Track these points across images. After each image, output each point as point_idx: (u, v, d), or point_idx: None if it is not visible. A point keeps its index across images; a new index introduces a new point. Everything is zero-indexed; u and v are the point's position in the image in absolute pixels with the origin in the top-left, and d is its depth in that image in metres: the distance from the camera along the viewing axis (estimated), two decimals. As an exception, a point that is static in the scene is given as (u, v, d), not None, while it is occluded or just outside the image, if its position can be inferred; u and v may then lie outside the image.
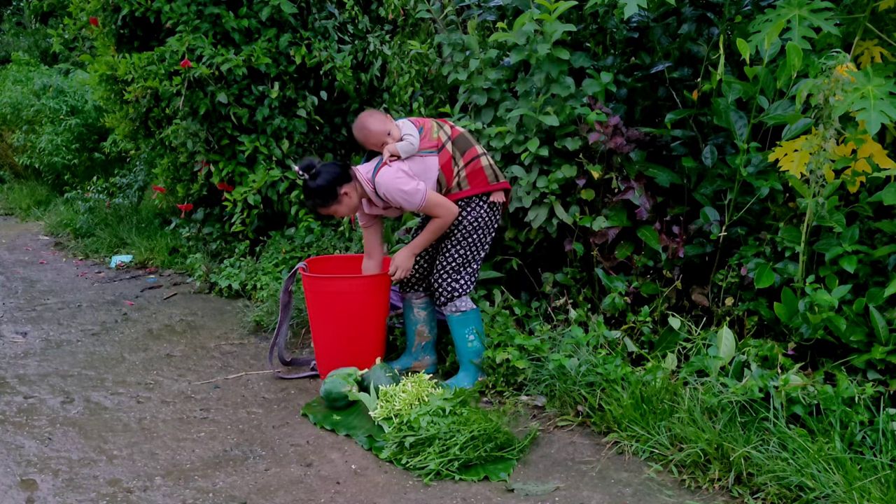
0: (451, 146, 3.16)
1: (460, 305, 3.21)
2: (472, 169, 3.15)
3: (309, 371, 3.53)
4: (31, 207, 8.81)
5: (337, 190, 3.13)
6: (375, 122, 3.13)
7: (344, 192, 3.14)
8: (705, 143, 3.38)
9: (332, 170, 3.16)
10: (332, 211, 3.19)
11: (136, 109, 5.01)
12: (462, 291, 3.21)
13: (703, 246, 3.29)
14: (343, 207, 3.18)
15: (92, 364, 3.67)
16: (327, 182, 3.12)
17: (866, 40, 2.97)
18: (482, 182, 3.16)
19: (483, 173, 3.16)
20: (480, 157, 3.17)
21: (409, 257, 3.21)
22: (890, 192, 2.74)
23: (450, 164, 3.15)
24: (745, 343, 2.86)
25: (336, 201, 3.15)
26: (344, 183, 3.14)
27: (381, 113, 3.19)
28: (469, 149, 3.17)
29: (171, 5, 4.63)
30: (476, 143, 3.23)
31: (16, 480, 2.52)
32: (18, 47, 12.62)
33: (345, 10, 5.12)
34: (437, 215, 3.10)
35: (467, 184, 3.16)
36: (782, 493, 2.26)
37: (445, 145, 3.15)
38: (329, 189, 3.12)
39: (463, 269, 3.22)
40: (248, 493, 2.45)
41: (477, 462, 2.59)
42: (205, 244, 5.37)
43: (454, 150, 3.16)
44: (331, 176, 3.13)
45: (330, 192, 3.13)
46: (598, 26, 3.86)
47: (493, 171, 3.20)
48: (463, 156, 3.16)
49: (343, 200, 3.16)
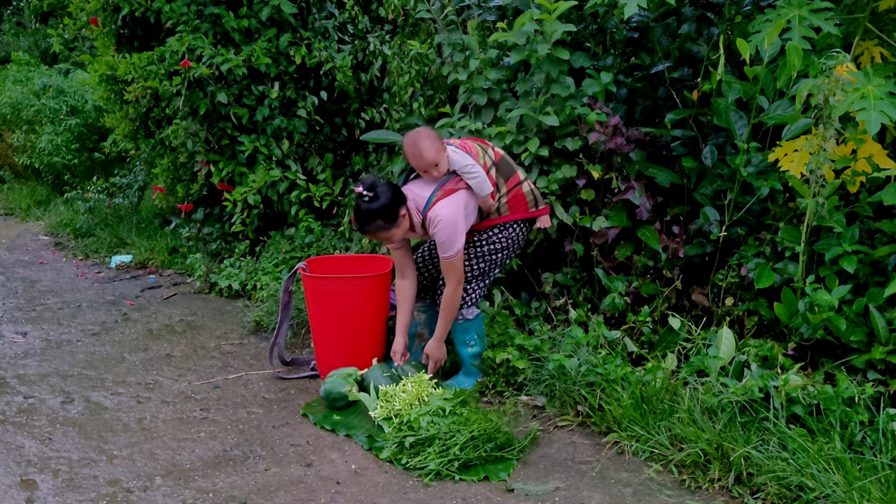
0: (496, 172, 3.08)
1: (466, 314, 3.19)
2: (513, 195, 3.10)
3: (309, 371, 3.53)
4: (31, 207, 8.81)
5: (399, 211, 2.94)
6: (431, 150, 2.91)
7: (403, 213, 2.96)
8: (705, 143, 3.38)
9: (392, 189, 2.94)
10: (390, 235, 2.97)
11: (136, 109, 5.01)
12: (471, 302, 3.19)
13: (703, 246, 3.29)
14: (400, 231, 2.98)
15: (92, 364, 3.67)
16: (390, 202, 2.90)
17: (866, 40, 2.97)
18: (522, 209, 3.13)
19: (524, 200, 3.13)
20: (522, 184, 3.13)
21: (440, 347, 3.20)
22: (890, 192, 2.74)
23: (493, 194, 3.07)
24: (745, 343, 2.86)
25: (396, 223, 2.94)
26: (402, 204, 2.96)
27: (438, 138, 2.97)
28: (512, 175, 3.11)
29: (171, 5, 4.63)
30: (518, 167, 3.16)
31: (16, 480, 2.52)
32: (18, 47, 12.61)
33: (345, 10, 5.11)
34: (449, 277, 3.00)
35: (507, 209, 3.11)
36: (782, 493, 2.26)
37: (490, 171, 3.06)
38: (393, 210, 2.91)
39: (476, 282, 3.19)
40: (248, 493, 2.45)
41: (477, 462, 2.59)
42: (205, 244, 5.37)
43: (498, 177, 3.07)
44: (392, 195, 2.91)
45: (393, 214, 2.91)
46: (598, 26, 3.86)
47: (534, 197, 3.16)
48: (506, 182, 3.09)
49: (401, 223, 2.96)
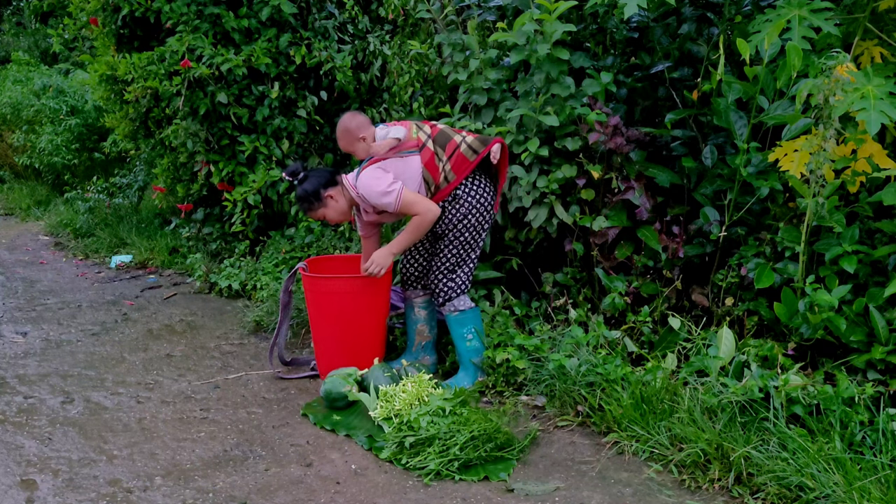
0: (433, 144, 3.14)
1: (458, 305, 3.22)
2: (454, 160, 3.13)
3: (309, 371, 3.53)
4: (31, 207, 8.81)
5: (321, 193, 3.20)
6: (343, 138, 3.17)
7: (329, 195, 3.21)
8: (705, 143, 3.37)
9: (319, 174, 3.25)
10: (321, 215, 3.26)
11: (136, 109, 5.01)
12: (459, 291, 3.22)
13: (703, 246, 3.29)
14: (331, 211, 3.25)
15: (92, 364, 3.67)
16: (313, 186, 3.20)
17: (866, 40, 2.97)
18: (465, 165, 3.12)
19: (463, 157, 3.12)
20: (459, 146, 3.13)
21: (386, 256, 3.18)
22: (890, 192, 2.73)
23: (433, 161, 3.12)
24: (745, 343, 2.86)
25: (322, 205, 3.22)
26: (329, 187, 3.22)
27: (363, 116, 3.21)
28: (449, 142, 3.14)
29: (171, 5, 4.63)
30: (455, 134, 3.17)
31: (16, 480, 2.52)
32: (18, 47, 12.61)
33: (345, 10, 5.11)
34: (416, 213, 3.08)
35: (453, 175, 3.14)
36: (782, 493, 2.26)
37: (426, 143, 3.14)
38: (314, 193, 3.20)
39: (458, 269, 3.22)
40: (248, 493, 2.45)
41: (477, 462, 2.59)
42: (205, 244, 5.37)
43: (436, 147, 3.14)
44: (316, 180, 3.22)
45: (314, 196, 3.20)
46: (598, 26, 3.86)
47: (472, 149, 3.12)
48: (445, 150, 3.14)
49: (329, 204, 3.22)
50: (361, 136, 3.14)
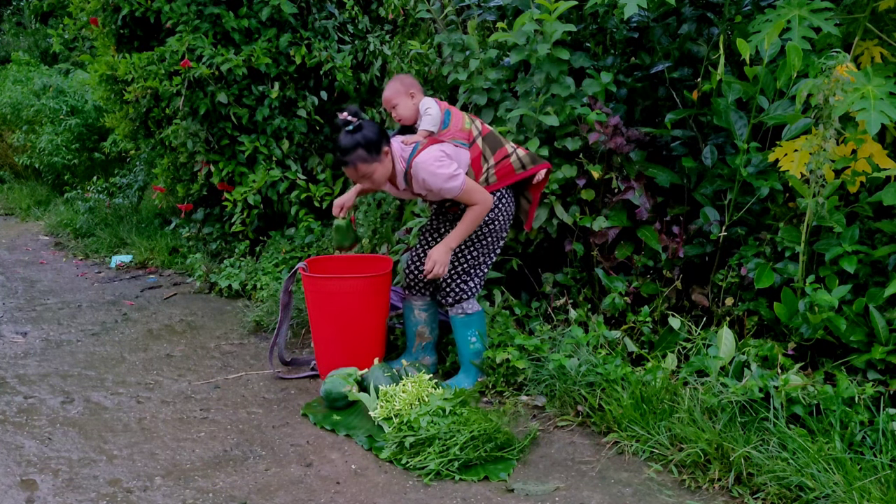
0: (482, 142, 3.08)
1: (467, 308, 3.18)
2: (501, 167, 3.09)
3: (309, 371, 3.53)
4: (31, 207, 8.81)
5: (382, 145, 2.95)
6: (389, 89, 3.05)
7: (386, 150, 2.97)
8: (705, 143, 3.38)
9: (377, 125, 2.99)
10: (373, 170, 2.96)
11: (136, 109, 5.01)
12: (471, 294, 3.18)
13: (703, 246, 3.29)
14: (382, 169, 2.98)
15: (92, 364, 3.67)
16: (375, 134, 2.92)
17: (866, 40, 2.97)
18: (510, 175, 3.10)
19: (511, 168, 3.09)
20: (510, 156, 3.10)
21: (446, 252, 3.03)
22: (890, 192, 2.74)
23: (479, 160, 3.06)
24: (745, 343, 2.86)
25: (378, 158, 2.95)
26: (387, 143, 2.99)
27: (404, 84, 3.07)
28: (500, 148, 3.09)
29: (171, 5, 4.63)
30: (505, 142, 3.14)
31: (16, 480, 2.52)
32: (18, 47, 12.61)
33: (345, 10, 5.12)
34: (475, 202, 2.97)
35: (495, 178, 3.09)
36: (782, 493, 2.26)
37: (476, 140, 3.07)
38: (377, 142, 2.92)
39: (473, 271, 3.18)
40: (248, 493, 2.45)
41: (477, 462, 2.59)
42: (205, 244, 5.37)
43: (484, 146, 3.08)
44: (377, 129, 2.96)
45: (376, 146, 2.93)
46: (598, 26, 3.86)
47: (522, 164, 3.11)
48: (494, 154, 3.08)
49: (384, 160, 2.97)
50: (410, 93, 3.04)
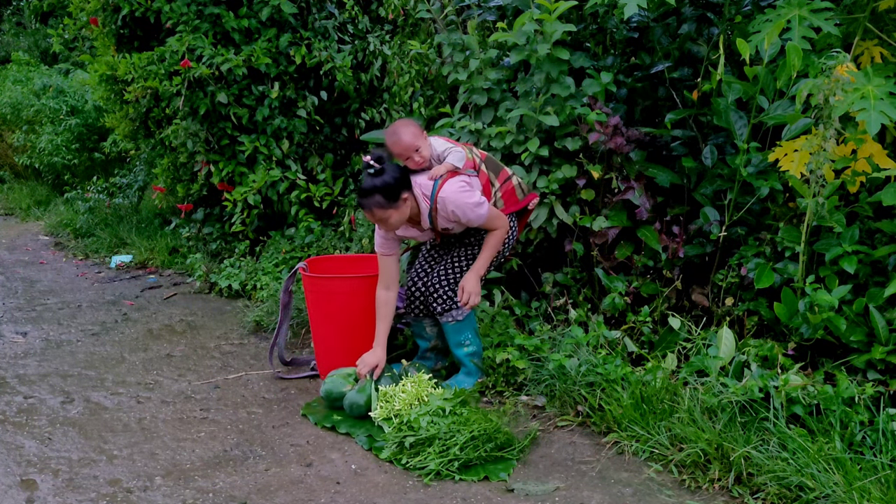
0: (486, 168, 3.16)
1: (457, 315, 3.15)
2: (505, 189, 3.18)
3: (309, 371, 3.53)
4: (31, 207, 8.81)
5: (401, 193, 2.92)
6: (407, 135, 2.99)
7: (405, 197, 2.94)
8: (705, 143, 3.38)
9: (399, 170, 2.95)
10: (388, 215, 2.93)
11: (136, 109, 5.01)
12: (457, 311, 3.16)
13: (703, 246, 3.29)
14: (398, 215, 2.94)
15: (92, 364, 3.67)
16: (395, 181, 2.89)
17: (866, 40, 2.97)
18: (514, 201, 3.20)
19: (514, 192, 3.20)
20: (511, 178, 3.20)
21: (477, 281, 3.09)
22: (890, 192, 2.73)
23: (488, 186, 3.13)
24: (745, 343, 2.86)
25: (395, 205, 2.91)
26: (407, 188, 2.95)
27: (417, 127, 3.06)
28: (501, 170, 3.19)
29: (171, 5, 4.63)
30: (504, 165, 3.26)
31: (16, 480, 2.52)
32: (18, 47, 12.62)
33: (345, 10, 5.12)
34: (496, 227, 3.07)
35: (503, 204, 3.17)
36: (782, 493, 2.26)
37: (480, 167, 3.14)
38: (396, 189, 2.90)
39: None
40: (248, 493, 2.45)
41: (477, 462, 2.59)
42: (205, 244, 5.37)
43: (489, 172, 3.16)
44: (398, 175, 2.92)
45: (395, 193, 2.90)
46: (598, 26, 3.86)
47: (521, 189, 3.24)
48: (497, 177, 3.17)
49: (401, 207, 2.93)
50: (417, 146, 3.01)
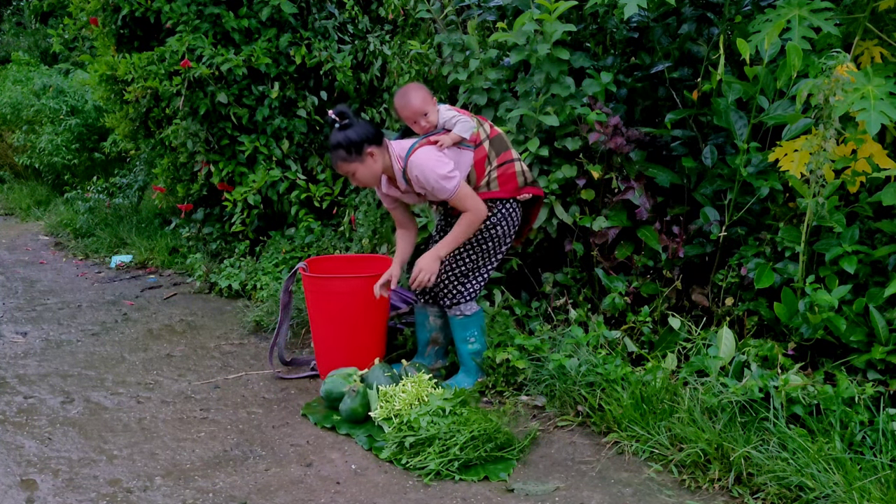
0: (489, 144, 3.07)
1: (465, 310, 3.15)
2: (503, 171, 3.07)
3: (309, 371, 3.53)
4: (31, 207, 8.81)
5: (364, 147, 2.97)
6: (417, 98, 2.99)
7: (370, 152, 2.98)
8: (705, 143, 3.37)
9: (366, 127, 3.02)
10: (353, 169, 3.00)
11: (136, 109, 5.01)
12: (469, 297, 3.15)
13: (703, 246, 3.28)
14: (364, 169, 3.01)
15: (92, 364, 3.67)
16: (357, 136, 2.96)
17: (866, 40, 2.97)
18: (512, 187, 3.08)
19: (514, 177, 3.08)
20: (514, 162, 3.10)
21: (434, 261, 3.02)
22: (890, 192, 2.73)
23: (483, 162, 3.06)
24: (745, 343, 2.86)
25: (359, 159, 2.98)
26: (374, 144, 2.99)
27: (427, 92, 3.04)
28: (505, 151, 3.09)
29: (171, 5, 4.63)
30: (512, 147, 3.15)
31: (16, 480, 2.52)
32: (18, 47, 12.62)
33: (345, 10, 5.12)
34: (466, 209, 2.96)
35: (497, 185, 3.07)
36: (782, 493, 2.26)
37: (483, 143, 3.06)
38: (357, 143, 2.96)
39: (472, 275, 3.14)
40: (248, 493, 2.45)
41: (477, 462, 2.59)
42: (205, 244, 5.37)
43: (490, 149, 3.07)
44: (363, 131, 2.98)
45: (356, 147, 2.96)
46: (598, 26, 3.86)
47: (525, 178, 3.13)
48: (498, 156, 3.08)
49: (367, 161, 2.99)
50: (426, 111, 2.99)
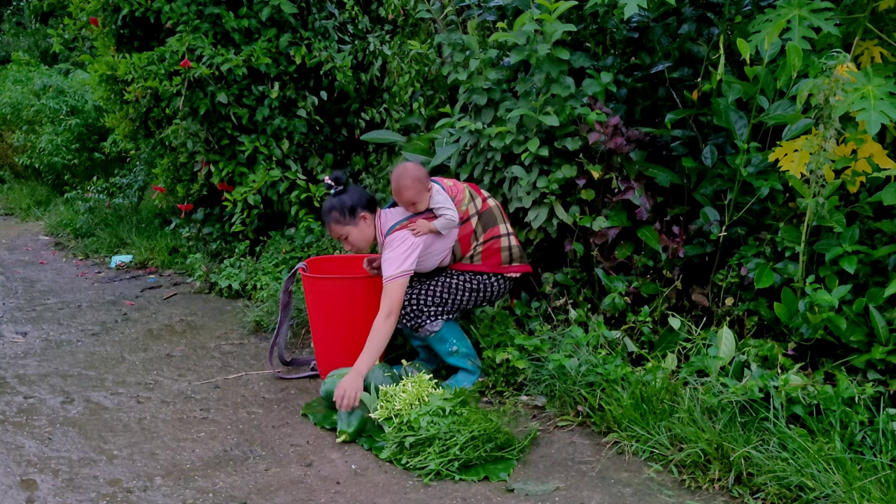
0: (476, 220, 3.15)
1: (431, 328, 3.17)
2: (488, 247, 3.15)
3: (309, 371, 3.53)
4: (31, 207, 8.81)
5: (358, 211, 3.11)
6: (410, 191, 3.02)
7: (363, 216, 3.12)
8: (705, 143, 3.37)
9: (361, 192, 3.15)
10: (346, 232, 3.13)
11: (136, 109, 5.01)
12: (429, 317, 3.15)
13: (703, 246, 3.28)
14: (357, 233, 3.13)
15: (92, 364, 3.67)
16: (352, 200, 3.10)
17: (866, 40, 2.97)
18: (495, 262, 3.16)
19: (498, 254, 3.16)
20: (501, 238, 3.16)
21: (356, 378, 2.86)
22: (890, 192, 2.74)
23: (469, 238, 3.14)
24: (745, 343, 2.86)
25: (353, 222, 3.12)
26: (367, 210, 3.13)
27: (423, 178, 3.06)
28: (493, 226, 3.16)
29: (171, 5, 4.63)
30: (503, 221, 3.20)
31: (16, 480, 2.52)
32: (18, 47, 12.62)
33: (345, 10, 5.12)
34: (386, 306, 2.92)
35: (480, 259, 3.16)
36: (782, 493, 2.26)
37: (471, 218, 3.14)
38: (351, 207, 3.10)
39: (436, 307, 3.16)
40: (248, 493, 2.45)
41: (477, 462, 2.59)
42: (205, 244, 5.37)
43: (477, 225, 3.15)
44: (357, 196, 3.12)
45: (350, 210, 3.10)
46: (598, 26, 3.86)
47: (511, 255, 3.18)
48: (485, 232, 3.15)
49: (360, 224, 3.12)
50: (416, 202, 3.05)
